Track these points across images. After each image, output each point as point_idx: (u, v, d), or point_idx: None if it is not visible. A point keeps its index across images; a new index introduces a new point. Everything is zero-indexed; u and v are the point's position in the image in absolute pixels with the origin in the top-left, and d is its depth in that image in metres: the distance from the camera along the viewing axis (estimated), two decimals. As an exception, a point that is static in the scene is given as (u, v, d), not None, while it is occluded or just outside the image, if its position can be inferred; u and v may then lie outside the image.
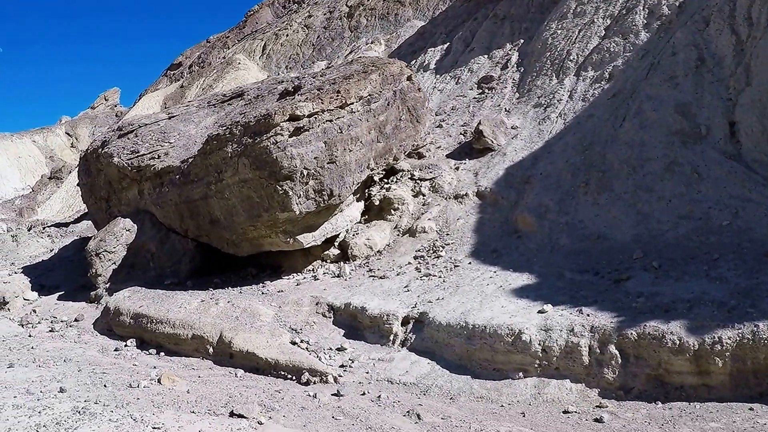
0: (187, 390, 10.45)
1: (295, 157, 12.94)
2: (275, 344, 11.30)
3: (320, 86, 14.42)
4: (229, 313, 12.49)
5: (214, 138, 13.93)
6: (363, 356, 11.17)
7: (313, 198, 13.45)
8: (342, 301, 12.38)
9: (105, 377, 11.27)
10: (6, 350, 13.56)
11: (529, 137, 16.58)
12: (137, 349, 13.26)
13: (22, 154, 35.27)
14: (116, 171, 16.57)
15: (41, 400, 9.84)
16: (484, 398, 9.88)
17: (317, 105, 13.40)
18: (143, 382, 10.71)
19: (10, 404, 9.58)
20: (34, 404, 9.60)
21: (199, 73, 32.72)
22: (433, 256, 13.67)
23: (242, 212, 13.79)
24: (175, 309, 12.87)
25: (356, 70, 15.05)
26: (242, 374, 11.23)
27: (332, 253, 14.72)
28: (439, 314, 11.16)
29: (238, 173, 13.50)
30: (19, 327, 15.96)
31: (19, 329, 15.77)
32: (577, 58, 18.16)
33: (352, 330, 12.00)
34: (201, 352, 11.97)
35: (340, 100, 13.73)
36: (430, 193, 15.68)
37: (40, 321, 16.01)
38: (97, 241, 16.08)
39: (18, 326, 16.07)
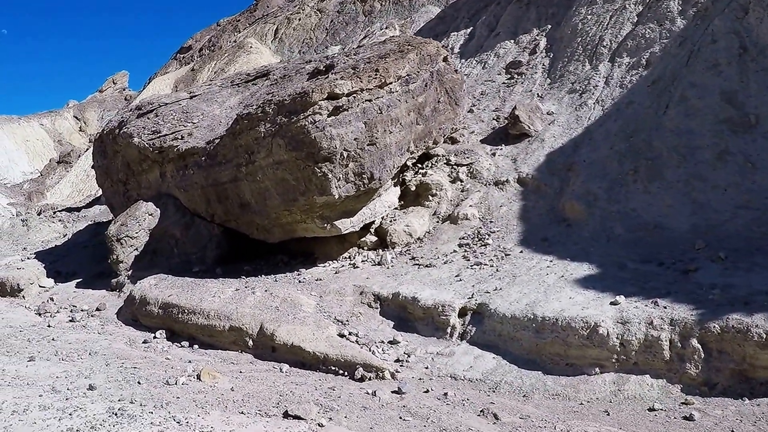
0: (231, 387, 9.15)
1: (335, 137, 11.61)
2: (322, 337, 10.00)
3: (355, 65, 13.08)
4: (267, 302, 11.16)
5: (244, 117, 12.55)
6: (419, 350, 9.92)
7: (353, 181, 12.15)
8: (389, 290, 11.10)
9: (137, 373, 9.93)
10: (24, 342, 12.15)
11: (567, 123, 15.36)
12: (167, 341, 11.96)
13: (30, 137, 33.54)
14: (136, 152, 15.13)
15: (70, 400, 8.47)
16: (560, 395, 8.80)
17: (356, 83, 12.06)
18: (181, 379, 9.39)
19: (35, 404, 8.23)
20: (63, 404, 8.25)
21: (210, 56, 31.13)
22: (480, 244, 12.42)
23: (276, 196, 12.44)
24: (208, 298, 11.52)
25: (392, 50, 13.71)
26: (287, 369, 9.95)
27: (369, 239, 13.41)
28: (501, 306, 9.94)
29: (271, 154, 12.15)
30: (36, 316, 14.58)
31: (36, 318, 14.37)
32: (610, 44, 16.96)
33: (402, 321, 10.73)
34: (239, 345, 10.66)
35: (379, 79, 12.41)
36: (468, 179, 14.41)
37: (59, 310, 14.62)
38: (118, 225, 14.65)
39: (35, 315, 14.68)
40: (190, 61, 33.23)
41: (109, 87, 41.93)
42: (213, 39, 33.84)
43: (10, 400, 8.29)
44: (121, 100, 37.50)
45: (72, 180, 28.00)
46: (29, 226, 20.83)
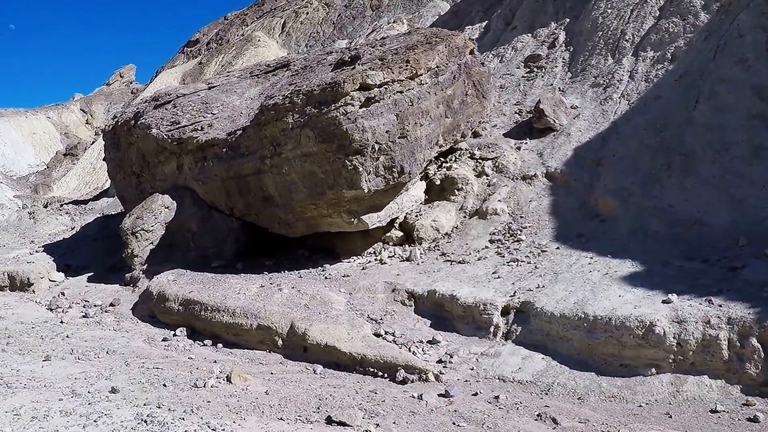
0: (266, 391, 8.38)
1: (367, 129, 10.83)
2: (358, 336, 9.22)
3: (382, 56, 12.28)
4: (295, 300, 10.36)
5: (270, 107, 11.72)
6: (462, 350, 9.19)
7: (383, 175, 11.37)
8: (423, 287, 10.34)
9: (161, 374, 9.14)
10: (37, 339, 11.28)
11: (592, 117, 14.66)
12: (188, 339, 11.12)
13: (37, 130, 32.47)
14: (154, 143, 14.25)
15: (93, 405, 7.66)
16: (617, 397, 8.18)
17: (387, 74, 11.29)
18: (210, 381, 8.62)
19: (56, 410, 7.41)
20: (87, 410, 7.49)
21: (217, 50, 30.15)
22: (512, 239, 11.68)
23: (303, 189, 11.63)
24: (232, 295, 10.71)
25: (419, 41, 12.92)
26: (322, 371, 9.19)
27: (395, 235, 12.65)
28: (548, 304, 9.24)
29: (300, 146, 11.33)
30: (47, 311, 13.70)
31: (47, 314, 13.49)
32: (633, 38, 16.28)
33: (439, 320, 9.99)
34: (267, 344, 9.87)
35: (410, 70, 11.64)
36: (494, 174, 13.67)
37: (71, 305, 13.73)
38: (133, 218, 13.78)
39: (46, 311, 13.80)
40: (197, 55, 32.22)
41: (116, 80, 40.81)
42: (220, 33, 32.85)
43: (29, 404, 7.37)
44: (128, 94, 36.41)
45: (79, 173, 27.01)
46: (36, 218, 19.87)
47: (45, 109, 34.79)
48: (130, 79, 41.49)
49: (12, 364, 9.34)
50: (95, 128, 34.34)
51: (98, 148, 27.12)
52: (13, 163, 29.77)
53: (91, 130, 34.32)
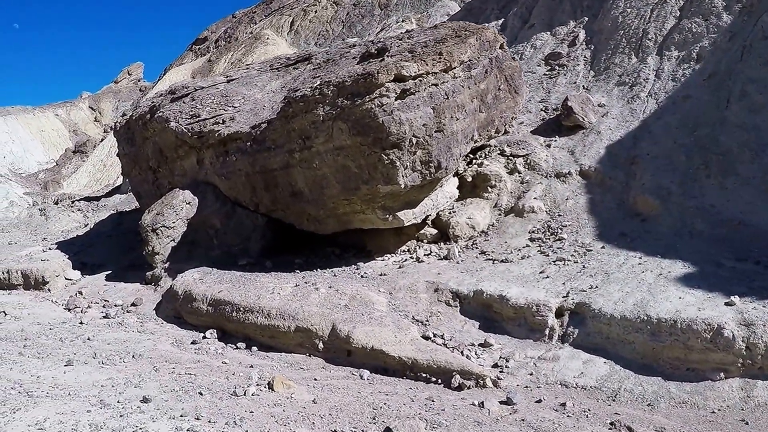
0: (313, 399, 7.57)
1: (404, 122, 10.02)
2: (406, 339, 8.40)
3: (411, 49, 11.46)
4: (334, 300, 9.51)
5: (299, 99, 10.87)
6: (517, 354, 8.40)
7: (420, 170, 10.55)
8: (469, 287, 9.54)
9: (195, 380, 8.30)
10: (56, 341, 10.34)
11: (621, 116, 13.99)
12: (219, 341, 10.18)
13: (46, 127, 31.39)
14: (173, 137, 13.36)
15: (125, 417, 6.77)
16: (688, 403, 7.48)
17: (422, 66, 10.50)
18: (250, 389, 7.78)
19: (85, 423, 6.53)
20: (119, 423, 6.60)
21: (226, 47, 29.15)
22: (553, 238, 10.95)
23: (335, 184, 10.79)
24: (266, 295, 9.84)
25: (448, 35, 12.12)
26: (369, 376, 8.37)
27: (429, 232, 11.85)
28: (606, 306, 8.49)
29: (332, 139, 10.50)
30: (65, 311, 12.76)
31: (65, 314, 12.56)
32: (655, 38, 15.61)
33: (487, 321, 9.21)
34: (307, 347, 9.02)
35: (444, 63, 10.85)
36: (526, 171, 12.93)
37: (90, 305, 12.81)
38: (153, 215, 12.86)
39: (64, 310, 12.87)
40: (206, 53, 31.21)
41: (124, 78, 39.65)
42: (229, 30, 31.84)
43: (53, 417, 6.58)
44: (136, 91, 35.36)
45: (89, 169, 25.96)
46: (48, 215, 18.85)
47: (53, 107, 33.77)
48: (138, 76, 40.37)
49: (31, 370, 8.41)
50: (104, 125, 33.32)
51: (108, 145, 26.13)
52: (22, 161, 28.72)
53: (99, 127, 33.28)
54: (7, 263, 14.38)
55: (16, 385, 7.65)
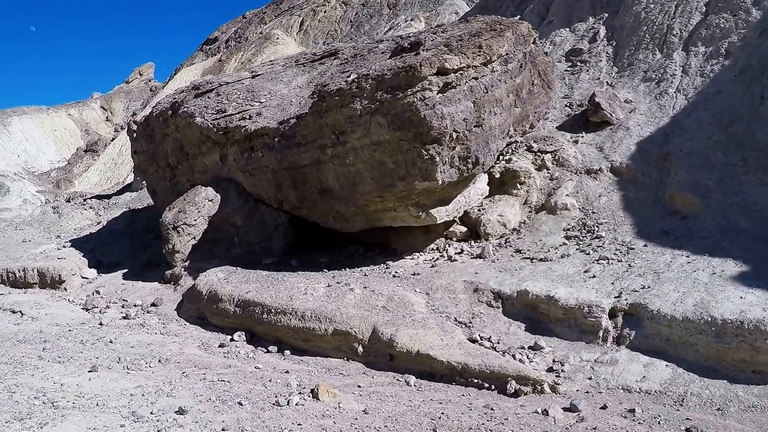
0: (363, 409, 6.86)
1: (446, 116, 9.33)
2: (453, 343, 7.70)
3: (447, 43, 10.78)
4: (370, 301, 8.80)
5: (334, 93, 10.13)
6: (571, 357, 7.73)
7: (457, 166, 9.88)
8: (512, 287, 8.85)
9: (231, 388, 7.67)
10: (77, 344, 9.59)
11: (650, 112, 13.35)
12: (248, 344, 9.42)
13: (58, 127, 30.80)
14: (197, 133, 12.61)
15: (163, 432, 6.05)
16: (758, 407, 6.92)
17: (463, 60, 9.88)
18: (293, 398, 7.09)
19: (119, 438, 5.88)
20: (156, 439, 5.90)
21: (236, 47, 28.38)
22: (590, 236, 10.27)
23: (370, 181, 10.08)
24: (299, 296, 9.10)
25: (482, 28, 11.48)
26: (415, 382, 7.67)
27: (458, 230, 11.17)
28: (663, 306, 7.90)
29: (369, 134, 9.79)
30: (83, 312, 11.99)
31: (83, 315, 11.78)
32: (681, 33, 14.96)
33: (534, 323, 8.56)
34: (345, 351, 8.32)
35: (484, 56, 10.20)
36: (555, 167, 12.28)
37: (108, 305, 12.04)
38: (175, 212, 12.11)
39: (82, 311, 12.10)
40: (216, 53, 30.43)
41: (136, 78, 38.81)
42: (239, 31, 31.06)
43: None
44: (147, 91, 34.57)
45: (100, 168, 25.20)
46: (61, 213, 18.05)
47: (66, 107, 33.20)
48: (149, 77, 39.55)
49: (53, 376, 7.71)
50: (115, 125, 32.63)
51: (119, 144, 25.41)
52: (35, 160, 28.06)
53: (111, 127, 32.57)
54: (22, 261, 13.59)
55: (40, 395, 6.93)
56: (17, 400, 6.69)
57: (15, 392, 6.91)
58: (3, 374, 7.59)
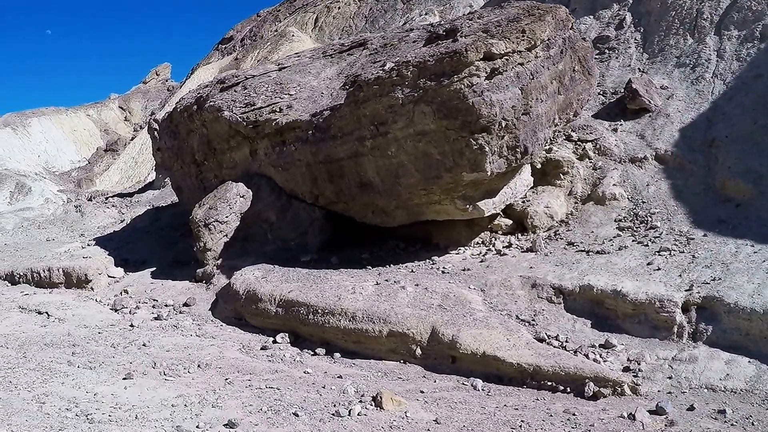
0: (435, 419, 6.12)
1: (495, 104, 8.53)
2: (521, 343, 6.91)
3: (485, 28, 9.98)
4: (425, 300, 8.01)
5: (372, 82, 9.33)
6: (647, 355, 7.00)
7: (506, 156, 9.09)
8: (573, 282, 8.08)
9: (282, 396, 6.91)
10: (107, 348, 8.82)
11: (688, 98, 12.55)
12: (293, 347, 8.61)
13: (77, 127, 30.31)
14: (225, 127, 11.80)
15: (214, 452, 5.38)
16: None
17: (508, 45, 8.99)
18: (355, 407, 6.31)
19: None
20: (208, 460, 5.19)
21: (252, 46, 27.54)
22: (644, 227, 9.50)
23: (414, 173, 9.29)
24: (347, 295, 8.34)
25: (520, 13, 10.68)
26: (483, 386, 6.94)
27: (503, 223, 10.38)
28: (742, 299, 7.26)
29: (413, 124, 8.99)
30: (112, 312, 11.19)
31: (113, 316, 10.97)
32: (711, 17, 14.14)
33: (600, 319, 7.82)
34: (401, 353, 7.54)
35: (527, 41, 9.41)
36: (597, 156, 11.49)
37: (138, 305, 11.24)
38: (206, 209, 11.32)
39: (111, 311, 11.28)
40: (231, 51, 29.61)
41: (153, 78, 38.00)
42: (254, 29, 30.22)
43: None
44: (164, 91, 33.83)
45: (121, 167, 24.47)
46: (83, 212, 17.25)
47: (85, 108, 32.69)
48: (165, 77, 38.74)
49: (85, 384, 6.95)
50: (134, 125, 31.91)
51: (139, 142, 24.69)
52: (56, 160, 27.49)
53: (129, 126, 31.91)
54: (47, 261, 12.80)
55: (72, 405, 6.20)
56: (47, 412, 5.96)
57: (45, 402, 6.20)
58: (31, 382, 6.87)
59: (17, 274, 12.65)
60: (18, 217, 17.42)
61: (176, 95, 25.08)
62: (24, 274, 12.57)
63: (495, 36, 9.46)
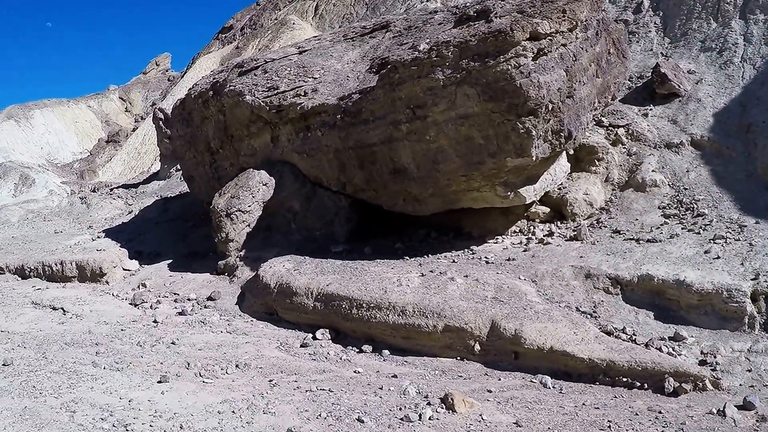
0: (515, 422, 5.43)
1: (542, 86, 7.97)
2: (589, 337, 6.38)
3: (520, 9, 9.32)
4: (477, 291, 7.44)
5: (410, 63, 8.69)
6: (722, 348, 6.59)
7: (550, 141, 8.54)
8: (631, 272, 7.58)
9: (338, 400, 6.17)
10: (133, 346, 8.15)
11: (717, 82, 12.08)
12: (335, 344, 7.93)
13: (79, 119, 29.53)
14: (247, 112, 11.08)
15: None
16: None
17: (552, 24, 8.33)
18: (425, 410, 5.82)
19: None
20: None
21: (252, 35, 26.62)
22: (690, 214, 9.03)
23: (455, 158, 8.69)
24: (393, 288, 7.73)
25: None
26: (553, 383, 6.29)
27: (541, 210, 9.83)
28: (819, 290, 6.40)
29: (455, 106, 8.37)
30: (131, 307, 10.46)
31: (133, 311, 10.23)
32: (735, 1, 13.67)
33: (661, 311, 7.38)
34: (458, 350, 6.99)
35: (569, 21, 8.85)
36: (631, 142, 10.92)
37: (159, 300, 10.51)
38: (227, 198, 10.61)
39: (130, 306, 10.49)
40: (232, 41, 28.68)
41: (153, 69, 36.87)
42: (254, 18, 29.27)
43: None
44: (165, 81, 32.85)
45: (123, 158, 23.60)
46: (89, 203, 16.33)
47: (86, 99, 31.84)
48: (166, 67, 37.64)
49: (115, 387, 6.23)
50: (134, 115, 30.96)
51: (142, 133, 23.84)
52: (58, 152, 26.69)
53: (130, 117, 31.01)
54: (59, 254, 12.01)
55: (106, 414, 5.47)
56: (80, 422, 5.24)
57: (75, 411, 5.48)
58: (57, 387, 6.15)
59: (28, 267, 11.85)
60: (23, 210, 16.54)
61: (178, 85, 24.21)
62: (35, 268, 11.77)
63: (536, 16, 8.84)
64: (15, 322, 9.58)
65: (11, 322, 9.59)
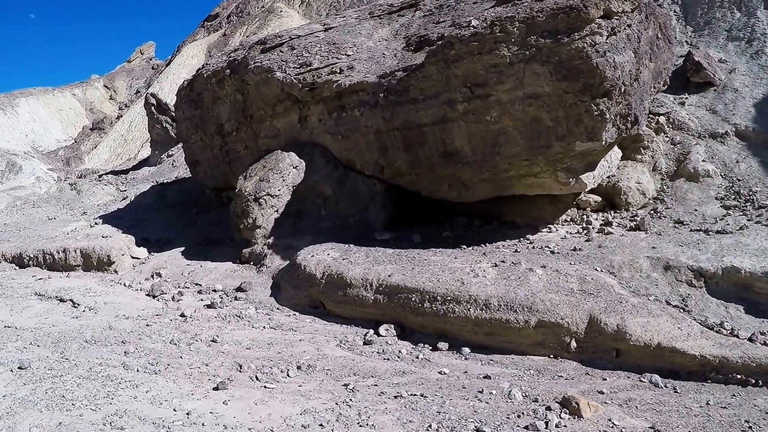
0: (651, 426, 5.11)
1: (618, 66, 7.49)
2: (695, 332, 6.01)
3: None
4: (560, 283, 6.94)
5: (468, 39, 8.08)
6: (827, 343, 6.01)
7: (618, 125, 8.09)
8: (714, 264, 7.17)
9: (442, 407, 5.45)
10: (167, 345, 7.25)
11: (752, 72, 12.02)
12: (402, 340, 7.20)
13: (63, 107, 28.65)
14: (277, 90, 10.23)
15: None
16: None
17: (620, 4, 7.78)
18: (551, 417, 5.27)
19: None
20: None
21: (239, 22, 25.52)
22: (751, 205, 8.86)
23: (519, 141, 8.12)
24: (471, 280, 7.03)
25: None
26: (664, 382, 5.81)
27: (592, 199, 9.37)
28: None
29: (522, 86, 7.81)
30: (150, 299, 9.54)
31: (153, 303, 9.35)
32: (757, -9, 13.40)
33: (749, 304, 6.97)
34: (551, 347, 6.50)
35: (631, 1, 8.21)
36: (673, 131, 10.52)
37: (181, 291, 9.61)
38: (256, 181, 9.77)
39: (148, 298, 9.54)
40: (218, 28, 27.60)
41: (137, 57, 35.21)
42: (240, 5, 28.08)
43: None
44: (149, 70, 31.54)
45: (109, 145, 22.41)
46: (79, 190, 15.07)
47: (70, 87, 30.62)
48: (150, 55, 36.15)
49: (163, 395, 5.36)
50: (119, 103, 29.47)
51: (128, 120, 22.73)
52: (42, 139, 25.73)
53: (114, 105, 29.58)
54: (61, 241, 10.87)
55: (163, 431, 4.61)
56: None
57: (124, 429, 4.57)
58: (91, 395, 5.16)
59: (26, 256, 10.69)
60: (10, 197, 15.23)
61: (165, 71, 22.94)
62: (34, 256, 10.62)
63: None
64: (21, 316, 8.51)
65: (17, 316, 8.51)
